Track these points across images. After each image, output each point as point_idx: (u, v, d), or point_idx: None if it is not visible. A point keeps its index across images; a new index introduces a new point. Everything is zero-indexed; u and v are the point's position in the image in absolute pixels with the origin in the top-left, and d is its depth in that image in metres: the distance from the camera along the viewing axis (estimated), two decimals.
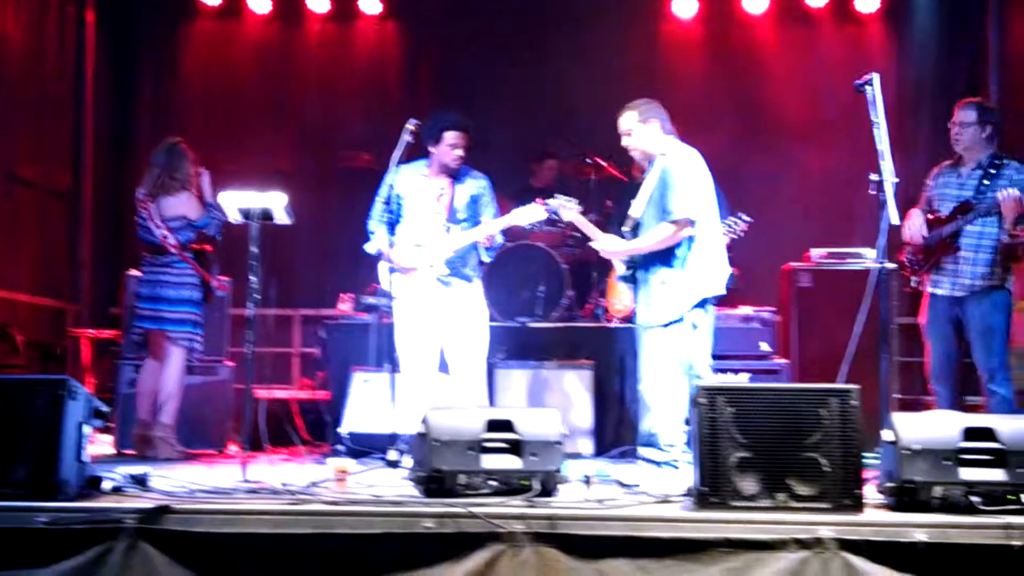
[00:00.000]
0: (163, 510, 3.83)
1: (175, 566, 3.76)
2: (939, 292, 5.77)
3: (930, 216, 5.83)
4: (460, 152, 5.92)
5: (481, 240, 5.91)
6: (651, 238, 5.43)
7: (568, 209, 5.85)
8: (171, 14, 9.84)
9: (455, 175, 5.99)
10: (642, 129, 5.53)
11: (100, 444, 6.90)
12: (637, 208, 5.60)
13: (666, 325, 5.37)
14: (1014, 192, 5.44)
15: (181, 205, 6.42)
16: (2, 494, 3.93)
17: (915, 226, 5.78)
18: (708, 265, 5.44)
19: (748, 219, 6.22)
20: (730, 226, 6.20)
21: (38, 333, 8.25)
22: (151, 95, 9.84)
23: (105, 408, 4.34)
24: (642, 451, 5.42)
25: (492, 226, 5.90)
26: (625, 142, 5.62)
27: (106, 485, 4.29)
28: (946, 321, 5.77)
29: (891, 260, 6.01)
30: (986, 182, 5.69)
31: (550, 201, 5.90)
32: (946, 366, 5.80)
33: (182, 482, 4.49)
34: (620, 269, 5.70)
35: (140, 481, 4.38)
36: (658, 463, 5.29)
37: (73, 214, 9.27)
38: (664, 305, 5.38)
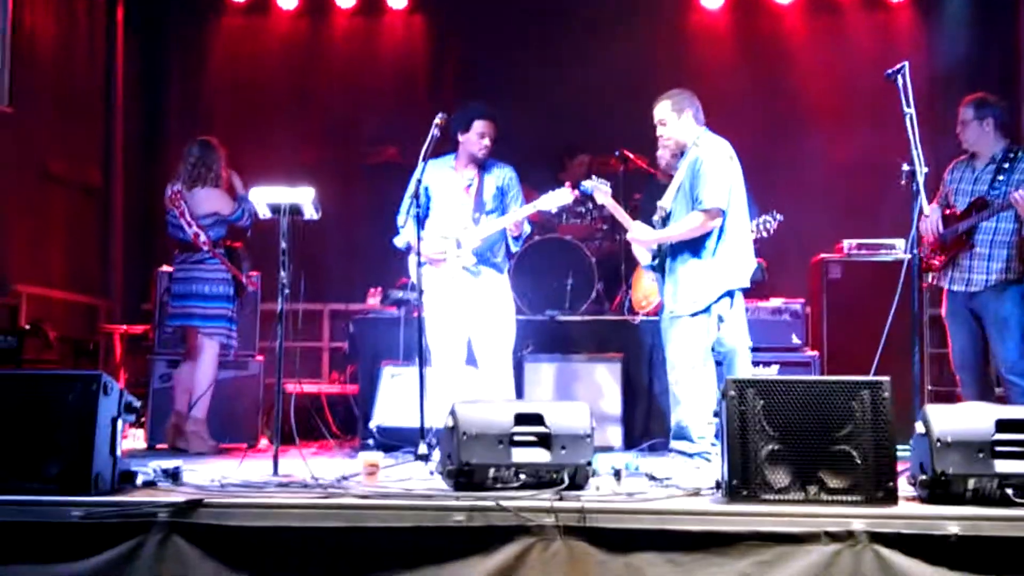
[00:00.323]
0: (195, 504, 3.86)
1: (207, 559, 3.79)
2: (956, 288, 5.74)
3: (947, 211, 5.80)
4: (488, 142, 5.93)
5: (510, 228, 5.91)
6: (681, 227, 5.43)
7: (602, 192, 5.86)
8: (199, 10, 9.88)
9: (482, 166, 6.00)
10: (675, 119, 5.54)
11: (132, 439, 6.98)
12: (667, 198, 5.59)
13: (693, 315, 5.36)
14: None
15: (214, 200, 6.47)
16: (36, 489, 3.97)
17: (932, 222, 5.73)
18: (736, 256, 5.43)
19: (780, 217, 6.18)
20: (762, 225, 6.15)
21: (70, 329, 8.32)
22: (180, 91, 9.89)
23: (137, 403, 4.38)
24: (674, 443, 5.42)
25: (521, 211, 5.90)
26: (659, 132, 5.63)
27: (139, 480, 4.32)
28: (966, 314, 5.74)
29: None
30: (1000, 176, 5.67)
31: (585, 183, 5.93)
32: (971, 358, 5.77)
33: (214, 476, 4.53)
34: (646, 259, 5.70)
35: (172, 475, 4.41)
36: (690, 455, 5.29)
37: (104, 211, 9.33)
38: (691, 295, 5.37)
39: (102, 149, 9.34)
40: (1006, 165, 5.67)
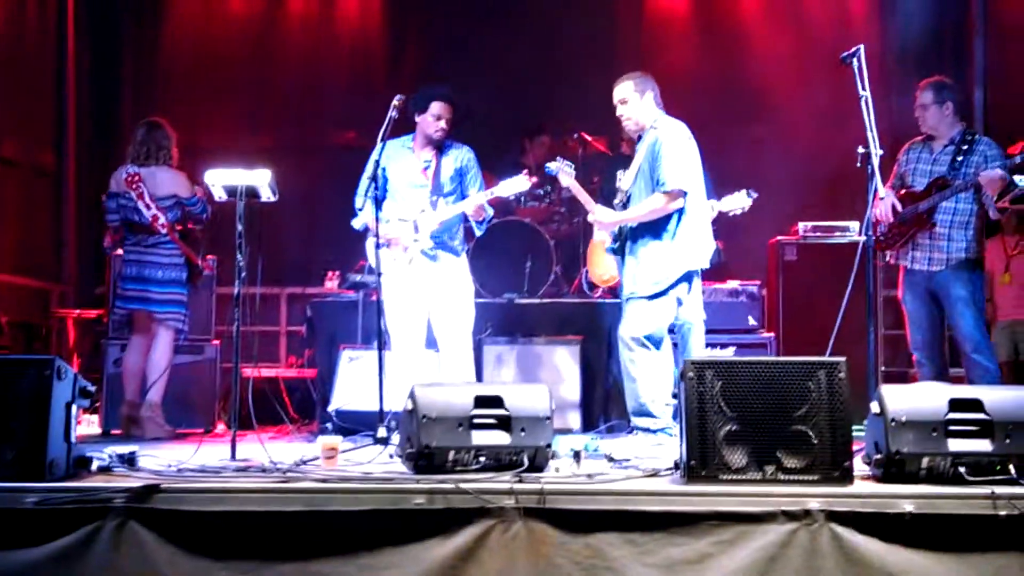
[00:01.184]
0: (152, 489, 3.83)
1: (165, 544, 3.76)
2: (916, 267, 5.80)
3: (903, 191, 5.85)
4: (444, 124, 5.92)
5: (470, 213, 5.91)
6: (643, 208, 5.45)
7: (566, 174, 5.88)
8: None
9: (439, 148, 5.98)
10: (637, 99, 5.57)
11: (87, 424, 6.90)
12: (627, 181, 5.62)
13: (651, 297, 5.39)
14: (996, 171, 5.49)
15: (174, 182, 6.39)
16: None
17: (887, 204, 5.75)
18: (695, 238, 5.47)
19: (755, 194, 6.19)
20: (735, 201, 6.13)
21: (22, 314, 8.22)
22: (133, 73, 9.76)
23: (92, 388, 4.32)
24: (636, 420, 5.46)
25: (478, 198, 5.90)
26: (620, 111, 5.65)
27: (94, 465, 4.27)
28: (925, 294, 5.81)
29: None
30: (959, 158, 5.74)
31: (550, 164, 5.94)
32: (929, 338, 5.83)
33: (170, 461, 4.49)
34: (607, 242, 5.72)
35: (128, 461, 4.36)
36: (653, 431, 5.33)
37: (56, 193, 9.20)
38: (651, 277, 5.41)
39: (54, 131, 9.20)
40: (965, 147, 5.75)
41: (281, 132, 9.47)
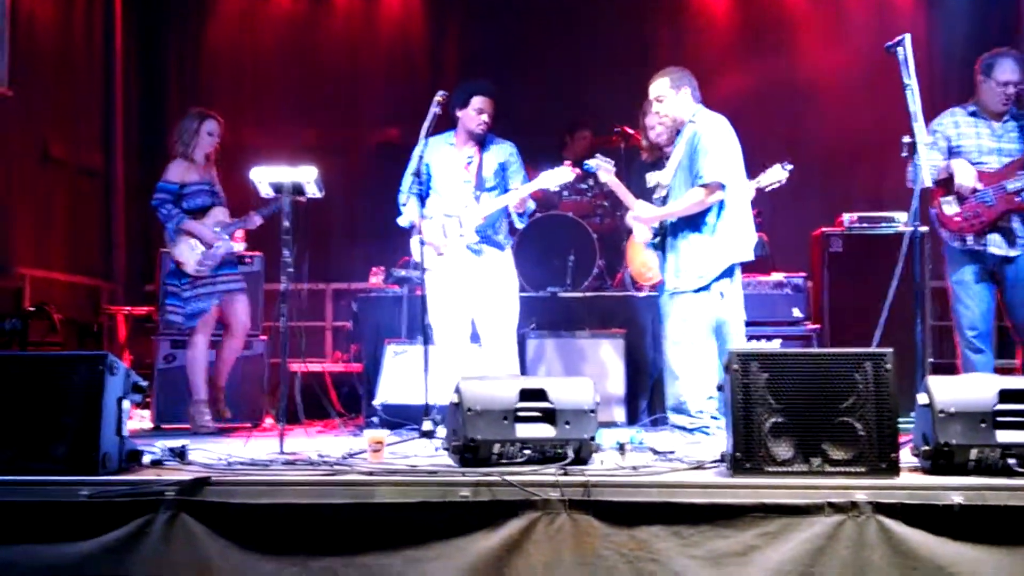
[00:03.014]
0: (202, 482, 3.88)
1: (215, 537, 3.81)
2: (994, 251, 5.57)
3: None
4: (486, 118, 5.93)
5: (512, 206, 5.91)
6: (682, 203, 5.43)
7: (605, 170, 5.87)
8: None
9: (482, 142, 6.00)
10: (674, 95, 5.53)
11: (138, 419, 7.01)
12: (667, 175, 5.60)
13: (695, 291, 5.38)
14: None
15: (169, 171, 6.49)
16: (44, 469, 3.99)
17: (971, 177, 5.53)
18: (737, 231, 5.44)
19: (790, 166, 6.10)
20: (772, 175, 6.06)
21: (74, 311, 8.34)
22: (179, 73, 9.88)
23: (144, 383, 4.39)
24: (673, 418, 5.45)
25: (522, 191, 5.91)
26: (656, 108, 5.64)
27: (145, 459, 4.35)
28: (991, 279, 5.63)
29: (924, 223, 5.98)
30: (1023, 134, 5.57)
31: (589, 161, 5.93)
32: (989, 327, 5.66)
33: (220, 455, 4.55)
34: (647, 236, 5.70)
35: (179, 454, 4.43)
36: (690, 429, 5.31)
37: (105, 192, 9.34)
38: (693, 271, 5.38)
39: (102, 131, 9.33)
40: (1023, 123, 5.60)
41: (324, 129, 9.55)
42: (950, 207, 5.63)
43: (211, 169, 6.59)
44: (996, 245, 5.58)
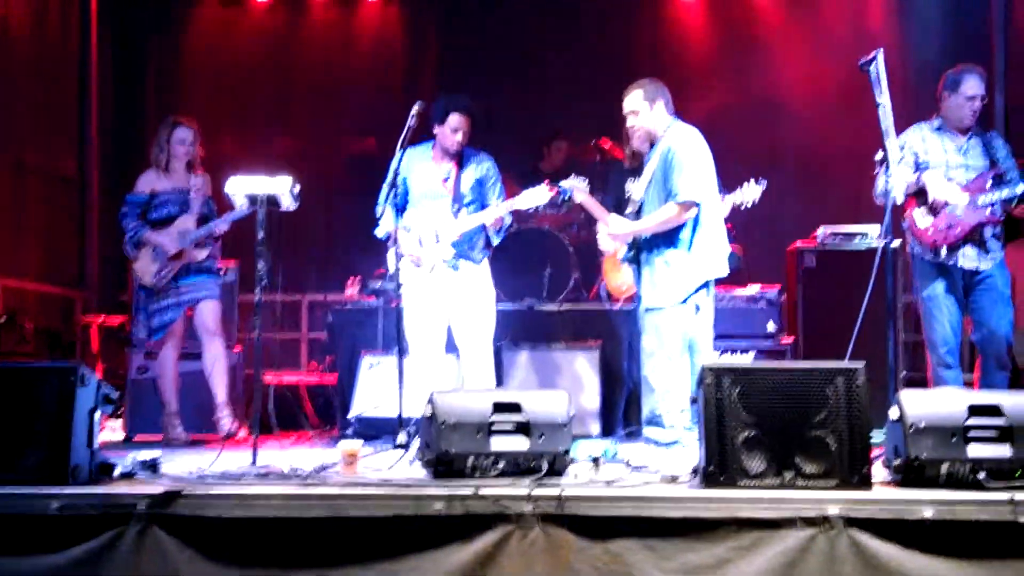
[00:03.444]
0: (174, 495, 3.86)
1: (186, 550, 3.79)
2: (966, 265, 5.61)
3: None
4: (461, 136, 5.92)
5: (489, 223, 5.91)
6: (656, 219, 5.43)
7: (580, 190, 5.88)
8: (175, 0, 9.84)
9: (459, 157, 6.00)
10: (647, 109, 5.53)
11: (111, 430, 6.95)
12: (639, 189, 5.61)
13: (670, 308, 5.38)
14: None
15: (139, 181, 6.50)
16: (14, 480, 3.96)
17: (945, 188, 5.55)
18: (712, 246, 5.45)
19: (764, 181, 6.15)
20: (746, 192, 6.10)
21: (47, 320, 8.29)
22: (155, 83, 9.85)
23: (115, 394, 4.36)
24: (647, 431, 5.45)
25: (499, 209, 5.91)
26: (630, 122, 5.62)
27: (117, 471, 4.31)
28: (960, 293, 5.65)
29: (896, 236, 6.01)
30: (989, 150, 5.64)
31: (563, 182, 5.93)
32: (959, 341, 5.70)
33: (192, 467, 4.52)
34: (622, 251, 5.71)
35: (151, 467, 4.40)
36: (664, 443, 5.32)
37: (80, 201, 9.29)
38: (669, 287, 5.39)
39: (77, 139, 9.28)
40: (985, 138, 5.67)
41: (302, 139, 9.54)
42: (923, 220, 5.67)
43: (191, 178, 6.51)
44: (968, 258, 5.61)
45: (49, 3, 8.89)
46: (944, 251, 5.63)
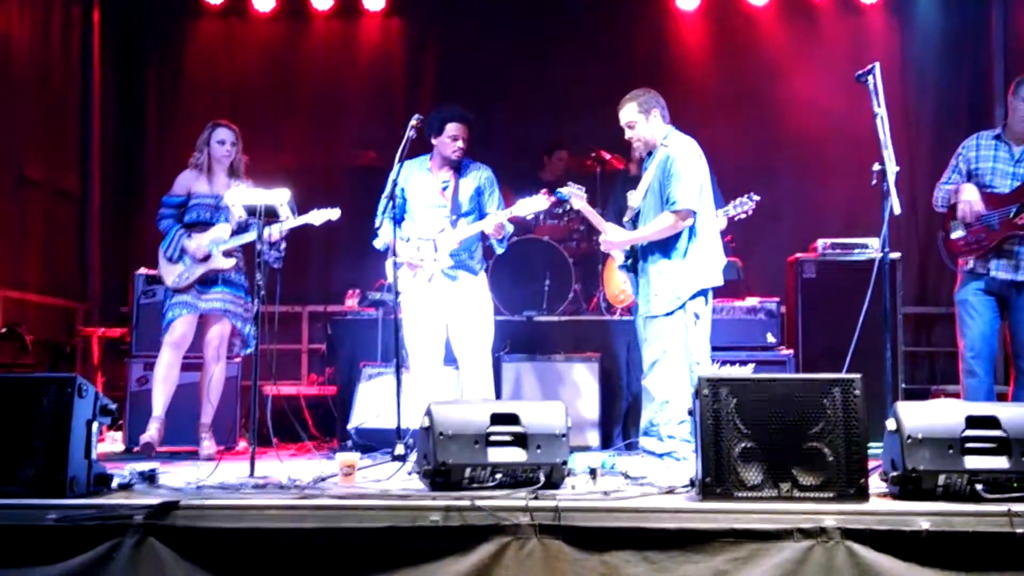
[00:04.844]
0: (171, 506, 3.86)
1: (183, 561, 3.80)
2: (999, 276, 5.54)
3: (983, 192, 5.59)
4: (460, 144, 5.94)
5: (489, 232, 5.92)
6: (653, 227, 5.45)
7: (578, 197, 5.89)
8: (175, 13, 9.85)
9: (457, 168, 6.02)
10: (644, 120, 5.55)
11: (111, 441, 6.96)
12: (636, 198, 5.62)
13: (668, 315, 5.39)
14: None
15: (175, 182, 6.39)
16: (11, 492, 3.97)
17: (975, 203, 5.51)
18: (708, 255, 5.46)
19: (756, 197, 6.19)
20: (739, 207, 6.17)
21: (48, 332, 8.30)
22: (157, 95, 9.86)
23: (113, 406, 4.36)
24: (643, 442, 5.46)
25: (497, 217, 5.92)
26: (628, 134, 5.65)
27: (114, 482, 4.32)
28: (994, 302, 5.59)
29: (895, 249, 6.02)
30: None
31: (562, 189, 5.94)
32: (988, 348, 5.59)
33: (190, 478, 4.53)
34: (619, 259, 5.73)
35: (148, 478, 4.42)
36: (659, 454, 5.32)
37: (81, 214, 9.31)
38: (666, 296, 5.40)
39: (79, 153, 9.31)
40: None
41: (302, 152, 9.54)
42: (956, 232, 5.62)
43: (232, 183, 6.28)
44: (1002, 269, 5.55)
45: (52, 18, 8.92)
46: (975, 263, 5.60)
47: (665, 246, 5.43)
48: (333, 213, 5.82)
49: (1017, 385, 5.58)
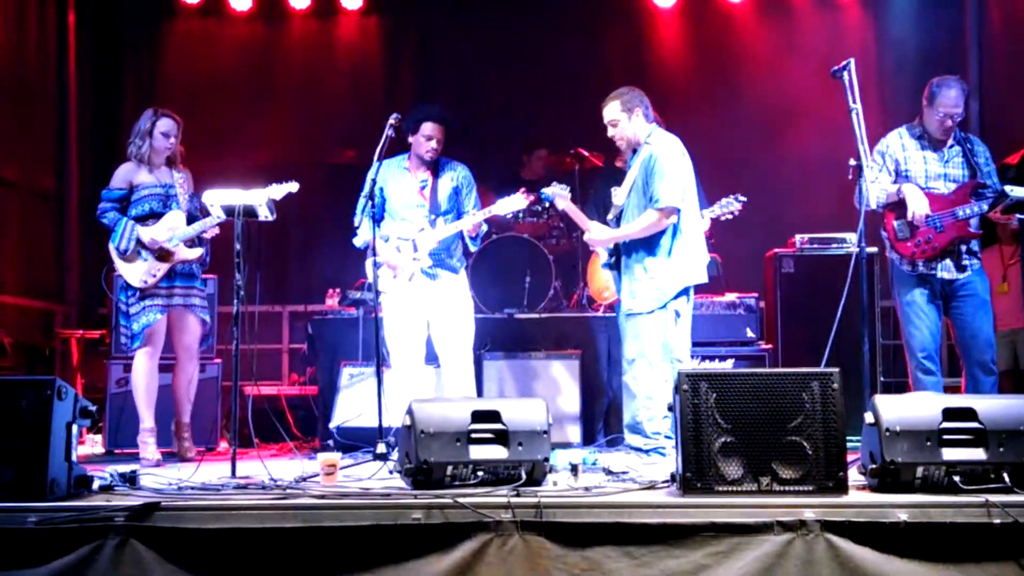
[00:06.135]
0: (152, 507, 3.86)
1: (165, 563, 3.79)
2: (945, 276, 5.61)
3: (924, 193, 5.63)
4: (435, 144, 5.95)
5: (466, 230, 5.93)
6: (637, 225, 5.47)
7: (562, 197, 5.91)
8: (152, 13, 9.81)
9: (435, 167, 6.02)
10: (626, 119, 5.58)
11: (91, 444, 6.93)
12: (620, 196, 5.64)
13: (650, 313, 5.42)
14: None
15: (115, 175, 6.20)
16: None
17: (925, 205, 5.54)
18: (692, 253, 5.49)
19: (743, 199, 6.23)
20: (725, 208, 6.21)
21: (26, 335, 8.25)
22: (134, 95, 9.80)
23: (92, 408, 4.35)
24: (628, 438, 5.48)
25: (476, 217, 5.93)
26: (610, 132, 5.66)
27: (95, 484, 4.31)
28: (939, 300, 5.66)
29: (872, 244, 6.05)
30: (969, 159, 5.64)
31: (545, 189, 5.97)
32: (938, 346, 5.70)
33: (171, 479, 4.52)
34: (603, 257, 5.75)
35: (129, 479, 4.40)
36: (644, 450, 5.34)
37: (58, 215, 9.25)
38: (648, 293, 5.42)
39: (55, 153, 9.25)
40: (967, 147, 5.65)
41: (281, 151, 9.50)
42: (902, 232, 5.68)
43: (173, 173, 6.17)
44: (946, 270, 5.63)
45: (27, 18, 8.86)
46: (921, 265, 5.65)
47: (649, 244, 5.45)
48: (292, 186, 5.65)
49: (969, 377, 5.65)
